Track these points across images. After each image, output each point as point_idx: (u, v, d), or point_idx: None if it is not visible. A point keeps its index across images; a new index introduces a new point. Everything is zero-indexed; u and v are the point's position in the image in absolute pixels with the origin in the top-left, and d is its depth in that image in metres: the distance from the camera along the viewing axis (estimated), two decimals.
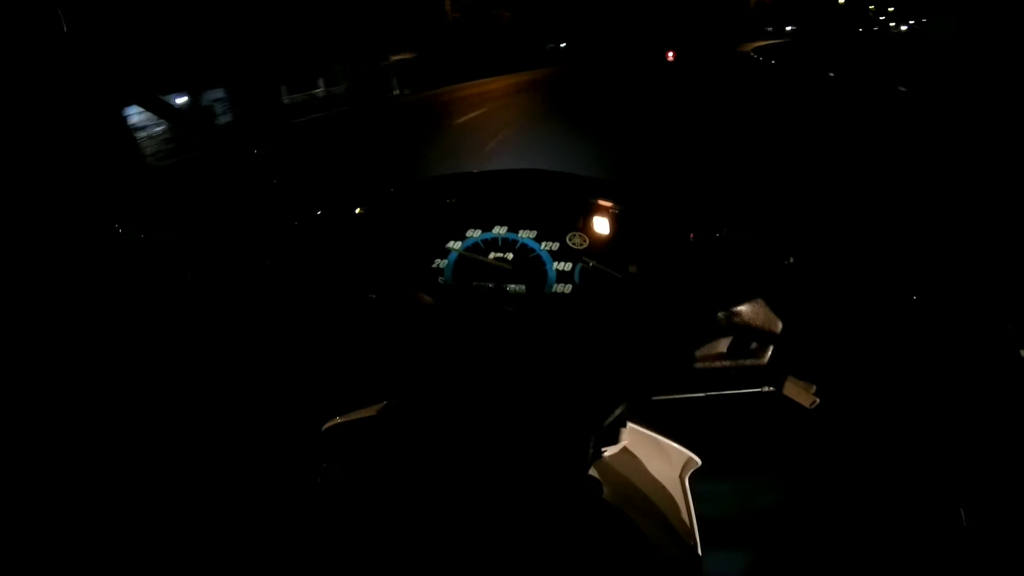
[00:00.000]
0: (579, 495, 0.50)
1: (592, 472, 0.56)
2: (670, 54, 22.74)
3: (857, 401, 0.64)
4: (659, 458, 0.59)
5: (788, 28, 48.99)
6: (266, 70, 13.92)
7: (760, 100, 9.24)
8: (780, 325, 0.66)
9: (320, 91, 15.55)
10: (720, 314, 0.66)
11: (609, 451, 0.57)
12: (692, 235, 0.80)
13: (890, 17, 61.60)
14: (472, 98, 12.53)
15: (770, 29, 47.21)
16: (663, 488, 0.57)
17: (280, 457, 0.59)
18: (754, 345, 0.67)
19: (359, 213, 0.93)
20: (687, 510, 0.55)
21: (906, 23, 53.88)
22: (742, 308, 0.66)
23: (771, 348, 0.67)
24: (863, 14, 57.48)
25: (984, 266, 2.22)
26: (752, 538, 0.61)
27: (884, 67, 13.32)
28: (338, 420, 0.59)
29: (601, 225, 0.84)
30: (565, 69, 19.61)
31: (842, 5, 54.71)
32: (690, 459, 0.57)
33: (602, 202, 0.87)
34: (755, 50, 29.19)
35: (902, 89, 8.87)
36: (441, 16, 18.90)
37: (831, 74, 11.97)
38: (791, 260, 0.71)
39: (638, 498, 0.57)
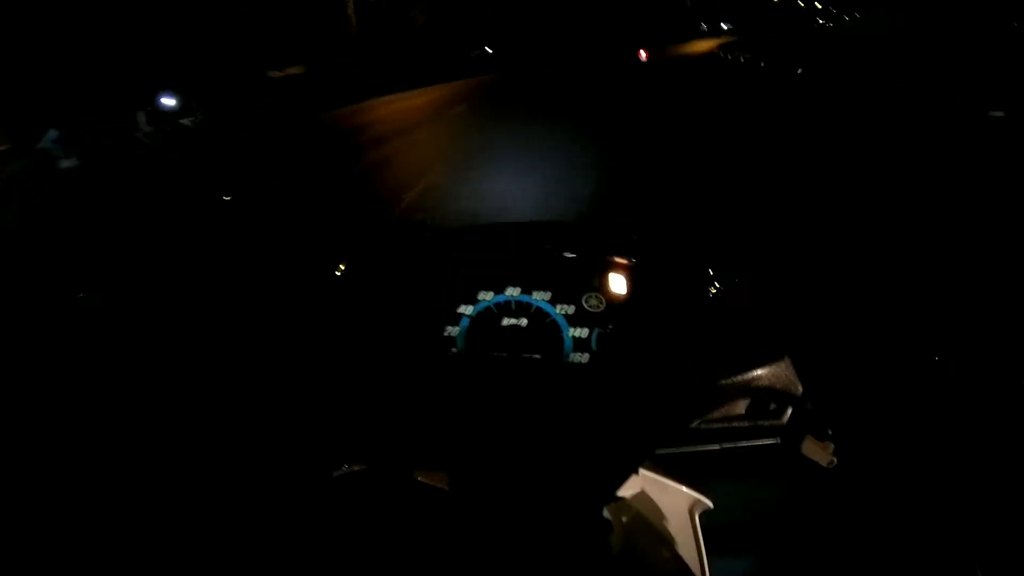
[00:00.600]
0: (589, 539, 0.51)
1: (604, 513, 0.57)
2: (643, 53, 19.41)
3: (876, 462, 0.63)
4: (670, 500, 0.60)
5: (725, 27, 48.37)
6: (114, 94, 10.72)
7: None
8: (800, 387, 0.66)
9: (189, 121, 12.36)
10: (740, 377, 0.66)
11: (621, 494, 0.59)
12: (713, 288, 0.79)
13: (818, 14, 63.25)
14: (376, 124, 9.77)
15: (705, 28, 46.26)
16: (673, 529, 0.58)
17: (288, 499, 0.58)
18: (773, 406, 0.67)
19: (364, 274, 0.90)
20: (698, 550, 0.56)
21: (832, 21, 55.09)
22: (762, 371, 0.66)
23: (790, 409, 0.66)
24: (794, 10, 58.40)
25: (1004, 324, 2.06)
26: (751, 544, 0.61)
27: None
28: (347, 468, 0.58)
29: (618, 284, 0.81)
30: (496, 79, 16.70)
31: (776, 3, 55.04)
32: (699, 500, 0.59)
33: (618, 259, 0.84)
34: (723, 48, 25.27)
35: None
36: (343, 20, 15.89)
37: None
38: (818, 322, 0.75)
39: (648, 540, 0.58)
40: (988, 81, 8.71)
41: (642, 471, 0.60)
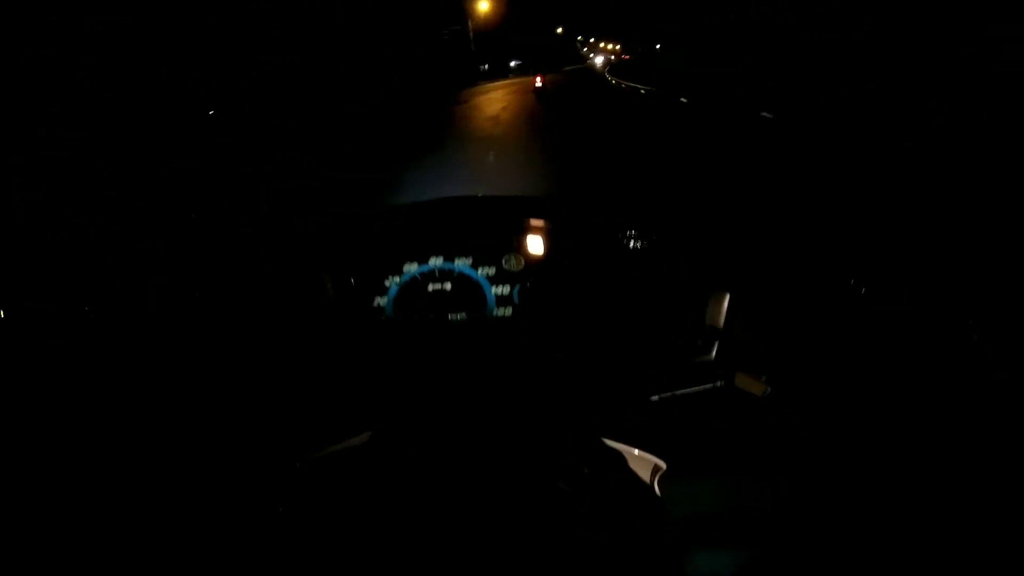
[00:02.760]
0: (553, 510, 0.51)
1: (563, 486, 0.56)
2: (538, 79, 16.30)
3: (809, 388, 0.64)
4: (627, 467, 0.59)
5: (512, 64, 42.59)
6: None
7: None
8: (722, 321, 0.68)
9: None
10: (661, 319, 0.69)
11: (579, 465, 0.58)
12: (626, 242, 0.81)
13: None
14: None
15: (485, 67, 38.50)
16: (635, 495, 0.57)
17: (258, 494, 0.56)
18: (699, 342, 0.68)
19: (300, 262, 0.90)
20: (661, 513, 0.55)
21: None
22: (683, 311, 0.68)
23: (716, 343, 0.67)
24: (572, 46, 62.49)
25: (927, 256, 2.21)
26: (732, 535, 0.59)
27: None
28: (314, 455, 0.58)
29: (535, 244, 0.85)
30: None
31: (560, 35, 56.70)
32: (656, 464, 0.58)
33: (534, 221, 0.88)
34: (615, 70, 23.06)
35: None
36: None
37: None
38: (732, 256, 0.75)
39: (611, 508, 0.56)
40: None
41: (597, 439, 0.60)
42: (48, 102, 10.40)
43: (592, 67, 43.07)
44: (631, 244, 0.82)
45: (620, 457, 0.58)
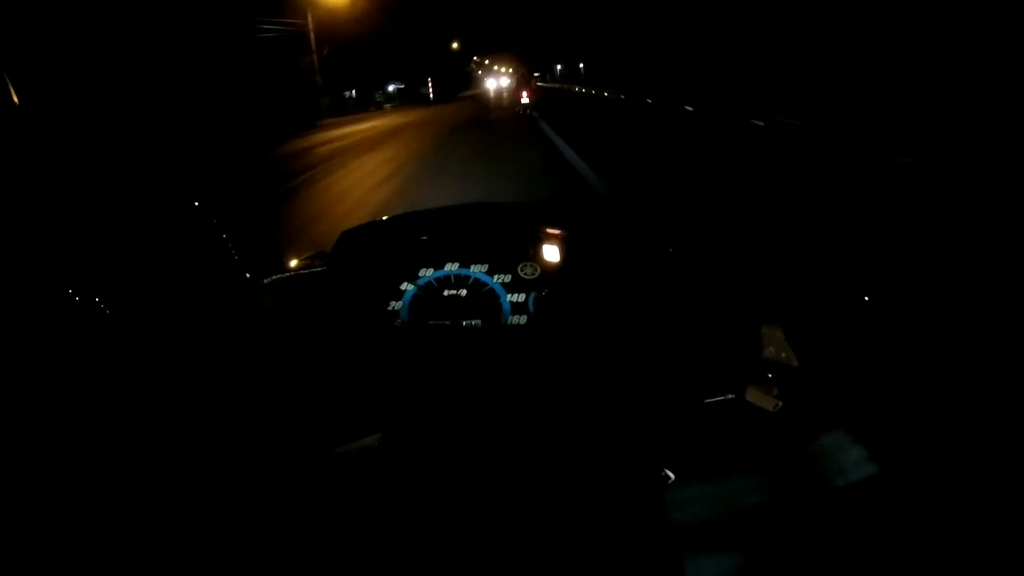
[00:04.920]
0: (556, 518, 0.50)
1: (567, 494, 0.55)
2: (525, 94, 14.31)
3: (820, 403, 0.63)
4: (630, 473, 0.58)
5: (391, 88, 32.59)
6: None
7: None
8: (735, 333, 0.68)
9: None
10: (674, 329, 0.69)
11: (587, 472, 0.57)
12: (640, 253, 0.84)
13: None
14: None
15: (352, 94, 28.57)
16: (639, 505, 0.56)
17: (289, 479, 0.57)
18: (712, 355, 0.67)
19: (317, 265, 0.93)
20: (665, 524, 0.55)
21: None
22: (694, 320, 0.69)
23: (729, 355, 0.67)
24: (467, 66, 58.29)
25: (936, 269, 2.22)
26: (732, 541, 0.58)
27: None
28: (322, 455, 0.58)
29: (551, 252, 0.86)
30: None
31: (457, 52, 48.47)
32: (664, 474, 0.58)
33: (551, 229, 0.89)
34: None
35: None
36: None
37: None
38: (742, 269, 0.79)
39: (615, 517, 0.55)
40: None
41: (602, 447, 0.59)
42: (48, 102, 10.48)
43: (483, 95, 33.40)
44: (645, 256, 0.82)
45: (623, 463, 0.58)
